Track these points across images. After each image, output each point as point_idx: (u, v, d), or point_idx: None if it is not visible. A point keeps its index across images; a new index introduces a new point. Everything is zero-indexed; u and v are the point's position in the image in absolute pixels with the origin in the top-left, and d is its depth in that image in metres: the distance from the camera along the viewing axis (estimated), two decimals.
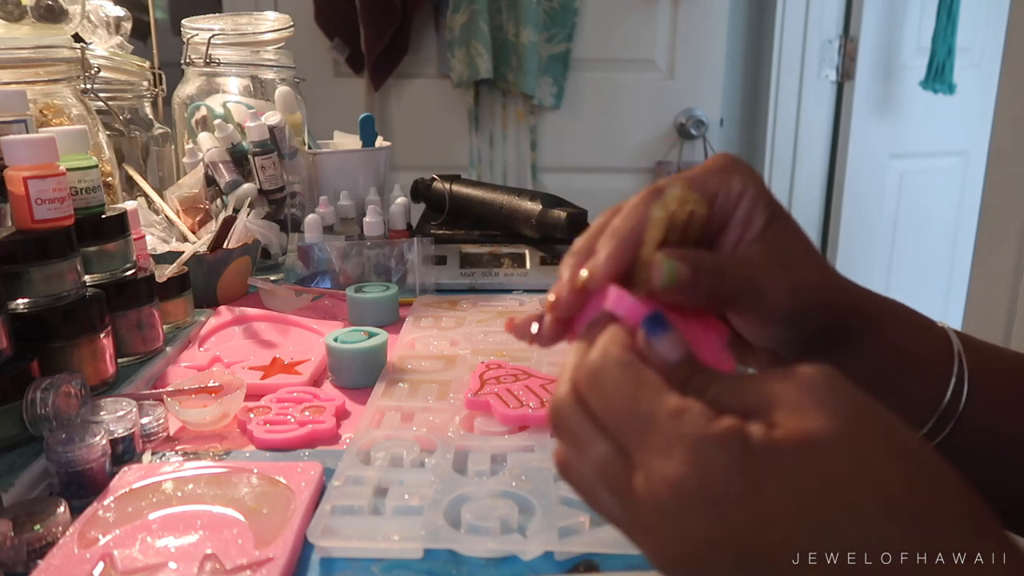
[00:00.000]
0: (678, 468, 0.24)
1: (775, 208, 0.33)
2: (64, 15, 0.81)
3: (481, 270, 0.94)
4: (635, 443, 0.26)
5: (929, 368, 0.36)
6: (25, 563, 0.41)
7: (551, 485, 0.47)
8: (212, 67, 1.03)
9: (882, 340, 0.36)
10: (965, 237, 1.90)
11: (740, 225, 0.33)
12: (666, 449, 0.24)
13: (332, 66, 1.91)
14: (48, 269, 0.57)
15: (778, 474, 0.23)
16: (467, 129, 1.90)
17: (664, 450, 0.25)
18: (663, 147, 1.92)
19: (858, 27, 1.86)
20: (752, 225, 0.33)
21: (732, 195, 0.33)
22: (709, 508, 0.24)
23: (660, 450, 0.25)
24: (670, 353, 0.27)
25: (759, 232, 0.33)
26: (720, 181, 0.33)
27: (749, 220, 0.33)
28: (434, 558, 0.42)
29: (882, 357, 0.36)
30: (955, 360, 0.36)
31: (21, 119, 0.61)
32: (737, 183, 0.33)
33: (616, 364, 0.27)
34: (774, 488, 0.23)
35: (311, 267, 0.92)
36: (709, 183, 0.32)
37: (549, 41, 1.82)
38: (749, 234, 0.33)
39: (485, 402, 0.58)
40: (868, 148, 1.94)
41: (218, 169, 0.96)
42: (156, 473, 0.49)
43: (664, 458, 0.24)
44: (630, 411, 0.26)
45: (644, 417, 0.25)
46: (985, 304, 1.41)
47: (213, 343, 0.75)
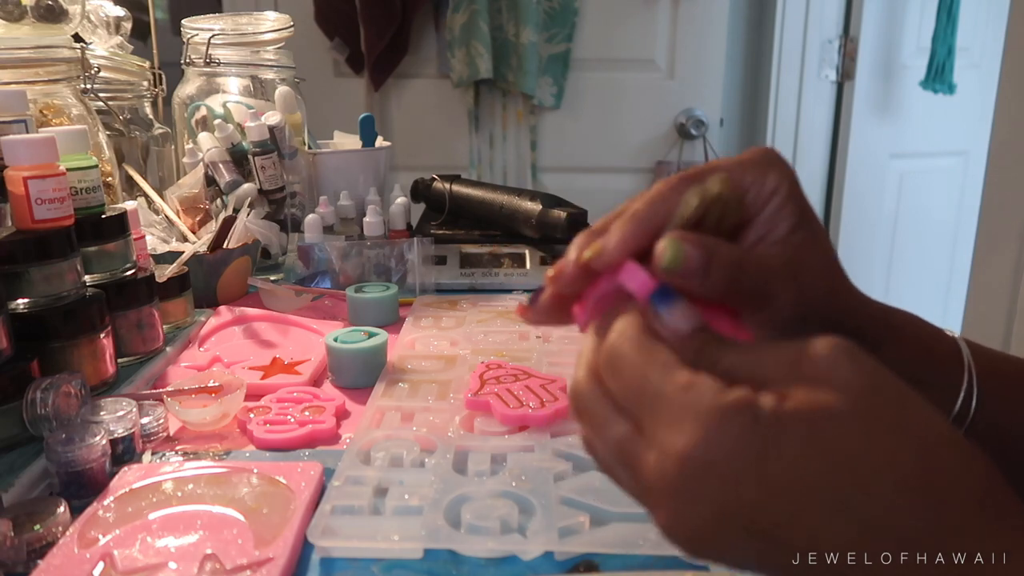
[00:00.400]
0: (686, 439, 0.24)
1: (804, 213, 0.32)
2: (64, 15, 0.81)
3: (481, 270, 0.94)
4: (648, 420, 0.25)
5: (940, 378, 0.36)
6: (25, 563, 0.41)
7: (551, 485, 0.47)
8: (212, 67, 1.03)
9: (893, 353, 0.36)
10: (965, 237, 1.90)
11: (765, 224, 0.32)
12: (675, 422, 0.24)
13: (332, 66, 1.91)
14: (48, 269, 0.57)
15: (788, 446, 0.23)
16: (467, 129, 1.90)
17: (673, 423, 0.24)
18: (663, 147, 1.92)
19: (858, 27, 1.86)
20: (777, 227, 0.32)
21: (764, 192, 0.32)
22: (716, 480, 0.23)
23: (669, 424, 0.24)
24: (681, 324, 0.27)
25: (783, 235, 0.32)
26: (755, 176, 0.32)
27: (775, 221, 0.32)
28: (434, 558, 0.42)
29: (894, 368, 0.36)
30: (965, 369, 0.36)
31: (21, 119, 0.61)
32: (772, 181, 0.32)
33: (630, 344, 0.27)
34: (783, 460, 0.23)
35: (311, 267, 0.92)
36: (744, 176, 0.31)
37: (549, 41, 1.82)
38: (772, 235, 0.32)
39: (485, 402, 0.58)
40: (868, 148, 1.94)
41: (218, 169, 0.96)
42: (156, 473, 0.49)
43: (672, 431, 0.24)
44: (643, 389, 0.26)
45: (656, 393, 0.25)
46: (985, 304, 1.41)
47: (213, 343, 0.75)
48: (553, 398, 0.57)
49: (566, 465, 0.50)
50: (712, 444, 0.23)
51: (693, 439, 0.24)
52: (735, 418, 0.23)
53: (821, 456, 0.23)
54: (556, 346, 0.72)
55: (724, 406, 0.24)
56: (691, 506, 0.24)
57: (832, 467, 0.23)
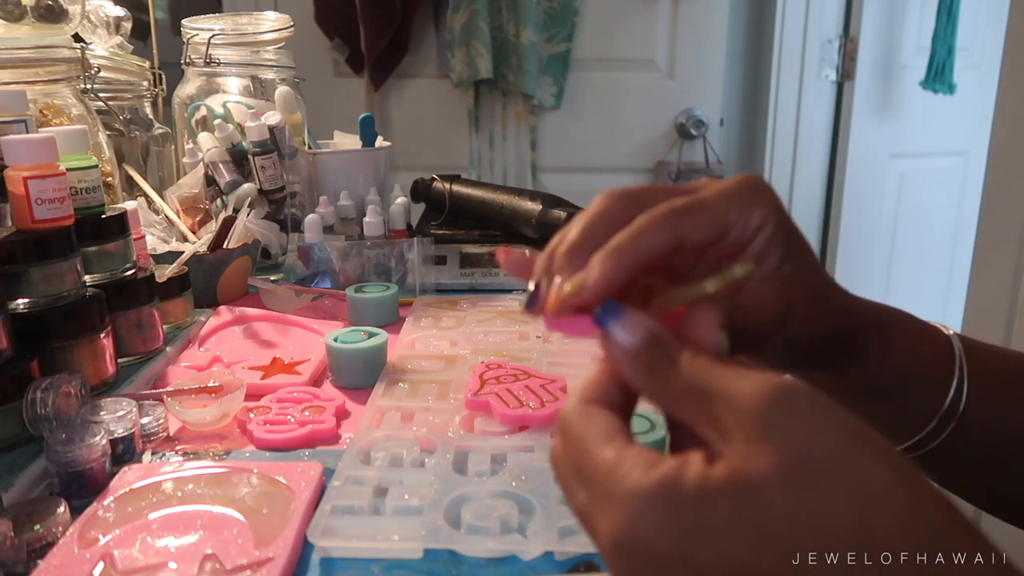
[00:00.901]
0: (612, 523, 0.23)
1: (790, 245, 0.32)
2: (64, 15, 0.81)
3: (481, 270, 0.94)
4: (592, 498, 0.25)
5: (930, 375, 0.37)
6: (25, 563, 0.41)
7: (551, 485, 0.47)
8: (212, 67, 1.03)
9: (884, 353, 0.36)
10: (965, 237, 1.90)
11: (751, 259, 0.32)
12: (605, 504, 0.24)
13: (332, 66, 1.91)
14: (48, 269, 0.57)
15: (713, 524, 0.22)
16: (467, 129, 1.90)
17: (603, 505, 0.24)
18: (663, 147, 1.92)
19: (858, 27, 1.86)
20: (766, 263, 0.32)
21: (750, 229, 0.31)
22: (644, 563, 0.23)
23: (601, 504, 0.24)
24: (628, 338, 0.26)
25: (772, 271, 0.32)
26: (740, 212, 0.31)
27: (762, 256, 0.32)
28: (434, 558, 0.42)
29: (884, 369, 0.36)
30: (956, 364, 0.36)
31: (21, 119, 0.61)
32: (757, 217, 0.31)
33: (571, 417, 0.27)
34: (709, 539, 0.22)
35: (311, 267, 0.92)
36: (728, 214, 0.31)
37: (549, 41, 1.82)
38: (761, 271, 0.32)
39: (485, 402, 0.58)
40: (868, 148, 1.94)
41: (218, 169, 0.96)
42: (156, 473, 0.49)
43: (603, 512, 0.24)
44: (582, 464, 0.25)
45: (590, 470, 0.25)
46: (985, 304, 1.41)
47: (213, 343, 0.75)
48: (553, 398, 0.57)
49: None
50: (637, 528, 0.23)
51: (619, 524, 0.23)
52: (658, 502, 0.23)
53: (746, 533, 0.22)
54: (556, 346, 0.72)
55: (647, 489, 0.23)
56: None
57: (760, 540, 0.22)
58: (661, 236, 0.29)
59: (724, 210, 0.31)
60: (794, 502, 0.21)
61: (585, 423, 0.26)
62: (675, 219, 0.29)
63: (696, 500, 0.22)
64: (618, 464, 0.24)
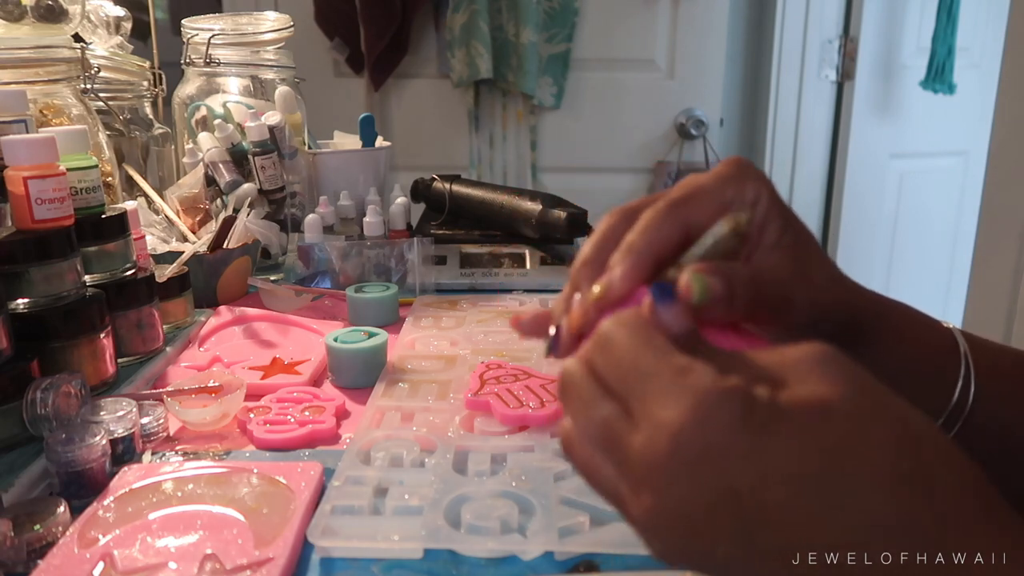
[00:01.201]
0: (681, 415, 0.23)
1: (786, 213, 0.33)
2: (64, 15, 0.81)
3: (481, 270, 0.94)
4: (638, 402, 0.25)
5: (936, 369, 0.36)
6: (25, 563, 0.41)
7: (551, 485, 0.47)
8: (212, 67, 1.03)
9: (891, 342, 0.36)
10: (965, 237, 1.90)
11: (755, 233, 0.33)
12: (669, 399, 0.24)
13: (332, 66, 1.91)
14: (48, 269, 0.57)
15: (784, 435, 0.23)
16: (467, 129, 1.90)
17: (667, 401, 0.24)
18: (663, 147, 1.92)
19: (858, 27, 1.86)
20: (767, 233, 0.33)
21: (747, 202, 0.32)
22: (708, 464, 0.23)
23: (662, 401, 0.24)
24: (676, 323, 0.27)
25: (775, 239, 0.33)
26: (735, 189, 0.32)
27: (764, 229, 0.33)
28: (434, 558, 0.42)
29: (891, 359, 0.36)
30: (962, 360, 0.36)
31: (21, 119, 0.61)
32: (751, 191, 0.32)
33: (626, 327, 0.26)
34: (779, 448, 0.23)
35: (311, 267, 0.92)
36: (724, 192, 0.32)
37: (549, 41, 1.82)
38: (765, 241, 0.33)
39: (485, 402, 0.58)
40: (868, 148, 1.94)
41: (218, 169, 0.96)
42: (156, 473, 0.49)
43: (666, 408, 0.24)
44: (636, 367, 0.25)
45: (649, 373, 0.25)
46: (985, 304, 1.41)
47: (213, 343, 0.75)
48: (553, 398, 0.57)
49: (566, 465, 0.50)
50: (709, 422, 0.23)
51: (689, 415, 0.23)
52: (733, 400, 0.23)
53: (816, 446, 0.23)
54: None
55: (722, 388, 0.23)
56: (681, 487, 0.23)
57: (827, 458, 0.23)
58: (668, 226, 0.30)
59: (720, 188, 0.32)
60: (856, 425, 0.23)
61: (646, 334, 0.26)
62: (676, 208, 0.31)
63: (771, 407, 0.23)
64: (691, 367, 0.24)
